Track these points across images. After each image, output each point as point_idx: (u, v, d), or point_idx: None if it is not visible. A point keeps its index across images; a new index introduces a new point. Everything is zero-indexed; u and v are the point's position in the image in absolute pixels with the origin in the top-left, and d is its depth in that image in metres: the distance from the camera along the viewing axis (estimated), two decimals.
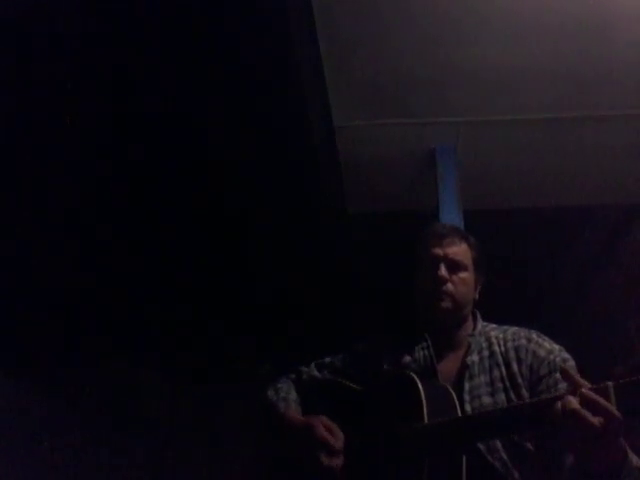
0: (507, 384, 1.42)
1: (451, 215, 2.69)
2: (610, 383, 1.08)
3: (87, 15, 2.33)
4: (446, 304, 1.53)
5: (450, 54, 2.45)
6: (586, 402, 1.08)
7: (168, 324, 3.89)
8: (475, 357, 1.49)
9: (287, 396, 1.58)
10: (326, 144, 2.89)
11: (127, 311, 3.66)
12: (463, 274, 1.57)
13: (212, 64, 2.57)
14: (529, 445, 1.34)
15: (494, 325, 1.60)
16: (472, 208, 2.84)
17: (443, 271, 1.54)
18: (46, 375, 3.45)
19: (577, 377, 1.14)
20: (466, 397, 1.41)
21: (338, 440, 1.39)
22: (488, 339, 1.53)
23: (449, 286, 1.54)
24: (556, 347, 1.47)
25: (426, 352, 1.52)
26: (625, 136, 2.80)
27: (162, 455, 4.26)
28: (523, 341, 1.49)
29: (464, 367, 1.47)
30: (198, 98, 2.72)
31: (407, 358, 1.53)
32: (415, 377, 1.37)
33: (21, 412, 3.34)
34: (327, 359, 1.69)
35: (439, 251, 1.57)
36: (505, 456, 1.33)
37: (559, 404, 1.11)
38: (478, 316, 1.62)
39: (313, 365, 1.69)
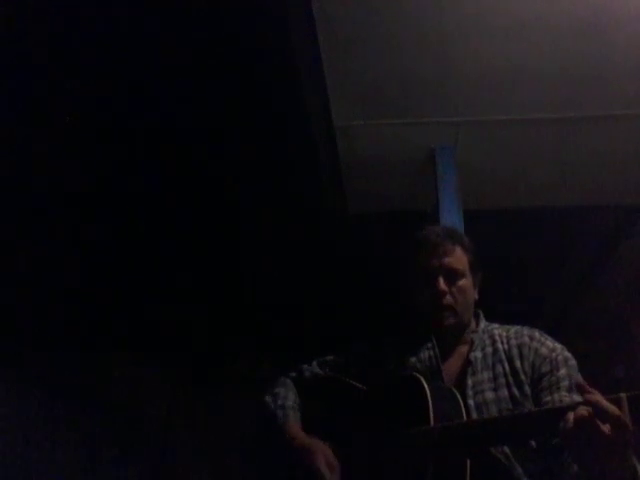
0: (510, 380, 1.43)
1: (451, 215, 2.68)
2: (623, 395, 1.08)
3: (86, 12, 2.33)
4: (449, 320, 1.53)
5: (450, 54, 2.45)
6: (598, 412, 1.08)
7: (168, 324, 3.89)
8: (478, 353, 1.50)
9: (285, 402, 1.56)
10: (326, 144, 2.88)
11: (127, 311, 3.66)
12: (461, 281, 1.56)
13: (212, 64, 2.57)
14: (532, 442, 1.34)
15: (496, 324, 1.60)
16: (472, 208, 2.84)
17: (442, 284, 1.53)
18: (46, 375, 3.45)
19: (590, 389, 1.14)
20: (469, 392, 1.42)
21: (334, 475, 1.37)
22: (491, 336, 1.54)
23: (449, 298, 1.53)
24: (558, 346, 1.48)
25: (431, 352, 1.53)
26: (625, 136, 2.80)
27: (162, 455, 4.26)
28: (526, 339, 1.50)
29: (467, 363, 1.49)
30: (198, 99, 2.72)
31: (412, 359, 1.53)
32: (421, 379, 1.37)
33: (21, 412, 3.33)
34: (329, 357, 1.69)
35: (435, 262, 1.56)
36: (508, 450, 1.34)
37: (571, 413, 1.11)
38: (481, 315, 1.62)
39: (315, 363, 1.69)
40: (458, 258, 1.57)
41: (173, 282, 3.71)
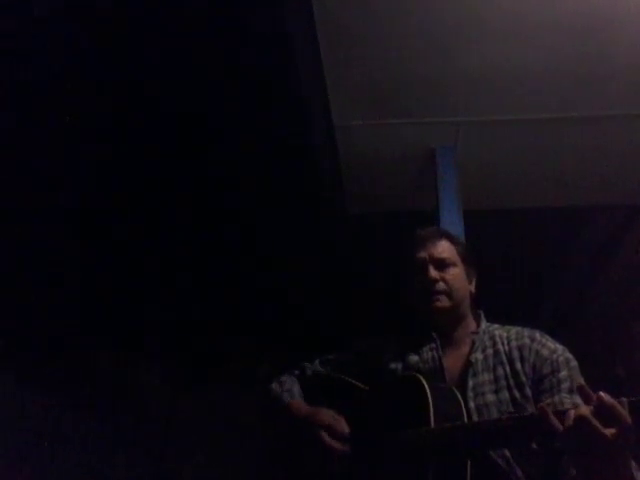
0: (511, 382, 1.43)
1: (451, 215, 2.68)
2: (624, 399, 1.07)
3: (88, 16, 2.33)
4: (442, 303, 1.55)
5: (450, 54, 2.45)
6: (599, 411, 1.07)
7: (168, 324, 3.89)
8: (479, 355, 1.50)
9: (291, 388, 1.59)
10: (326, 144, 2.88)
11: (127, 311, 3.65)
12: (452, 270, 1.60)
13: (212, 65, 2.57)
14: (533, 444, 1.34)
15: (497, 325, 1.60)
16: (472, 208, 2.84)
17: (432, 272, 1.57)
18: (46, 375, 3.45)
19: (590, 391, 1.13)
20: (470, 394, 1.42)
21: (342, 427, 1.41)
22: (492, 338, 1.54)
23: (441, 285, 1.57)
24: (559, 347, 1.48)
25: (435, 353, 1.53)
26: (625, 136, 2.80)
27: (162, 455, 4.26)
28: (527, 340, 1.50)
29: (468, 365, 1.48)
30: (198, 99, 2.72)
31: (415, 358, 1.53)
32: (422, 379, 1.37)
33: (21, 412, 3.33)
34: (331, 356, 1.70)
35: (423, 254, 1.61)
36: (508, 453, 1.33)
37: (571, 412, 1.10)
38: (482, 316, 1.63)
39: (317, 361, 1.70)
40: (445, 248, 1.63)
41: (173, 282, 3.71)
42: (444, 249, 1.62)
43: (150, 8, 2.33)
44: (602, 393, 1.09)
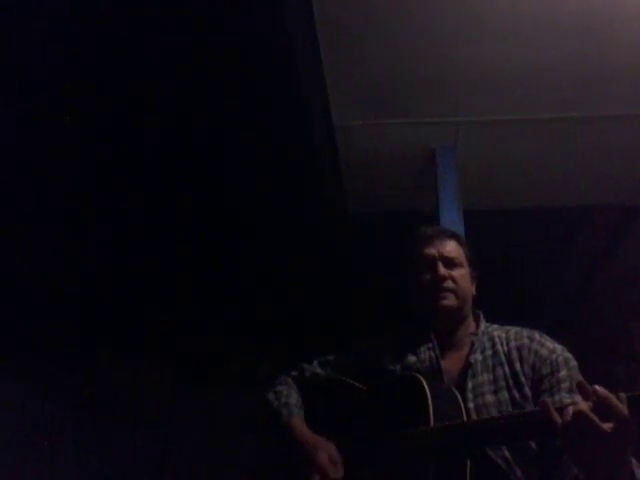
0: (510, 383, 1.43)
1: (451, 215, 2.68)
2: (623, 395, 1.07)
3: (88, 16, 2.33)
4: (449, 302, 1.54)
5: (450, 54, 2.45)
6: (597, 407, 1.07)
7: (168, 324, 3.89)
8: (478, 356, 1.50)
9: (288, 401, 1.56)
10: (326, 144, 2.88)
11: (127, 311, 3.66)
12: (460, 270, 1.59)
13: (212, 64, 2.57)
14: (532, 444, 1.34)
15: (496, 325, 1.60)
16: (472, 208, 2.84)
17: (442, 269, 1.56)
18: (46, 375, 3.45)
19: (590, 388, 1.12)
20: (469, 395, 1.42)
21: (337, 474, 1.38)
22: (491, 338, 1.54)
23: (450, 283, 1.56)
24: (558, 347, 1.48)
25: (432, 353, 1.53)
26: (625, 136, 2.80)
27: (162, 455, 4.26)
28: (526, 340, 1.50)
29: (467, 365, 1.48)
30: (198, 99, 2.72)
31: (412, 358, 1.53)
32: (422, 379, 1.37)
33: (21, 412, 3.33)
34: (330, 356, 1.69)
35: (433, 251, 1.60)
36: (508, 454, 1.33)
37: (570, 408, 1.10)
38: (481, 317, 1.62)
39: (316, 362, 1.69)
40: (454, 248, 1.62)
41: (173, 282, 3.71)
42: (452, 249, 1.62)
43: (150, 8, 2.33)
44: (597, 386, 1.09)
